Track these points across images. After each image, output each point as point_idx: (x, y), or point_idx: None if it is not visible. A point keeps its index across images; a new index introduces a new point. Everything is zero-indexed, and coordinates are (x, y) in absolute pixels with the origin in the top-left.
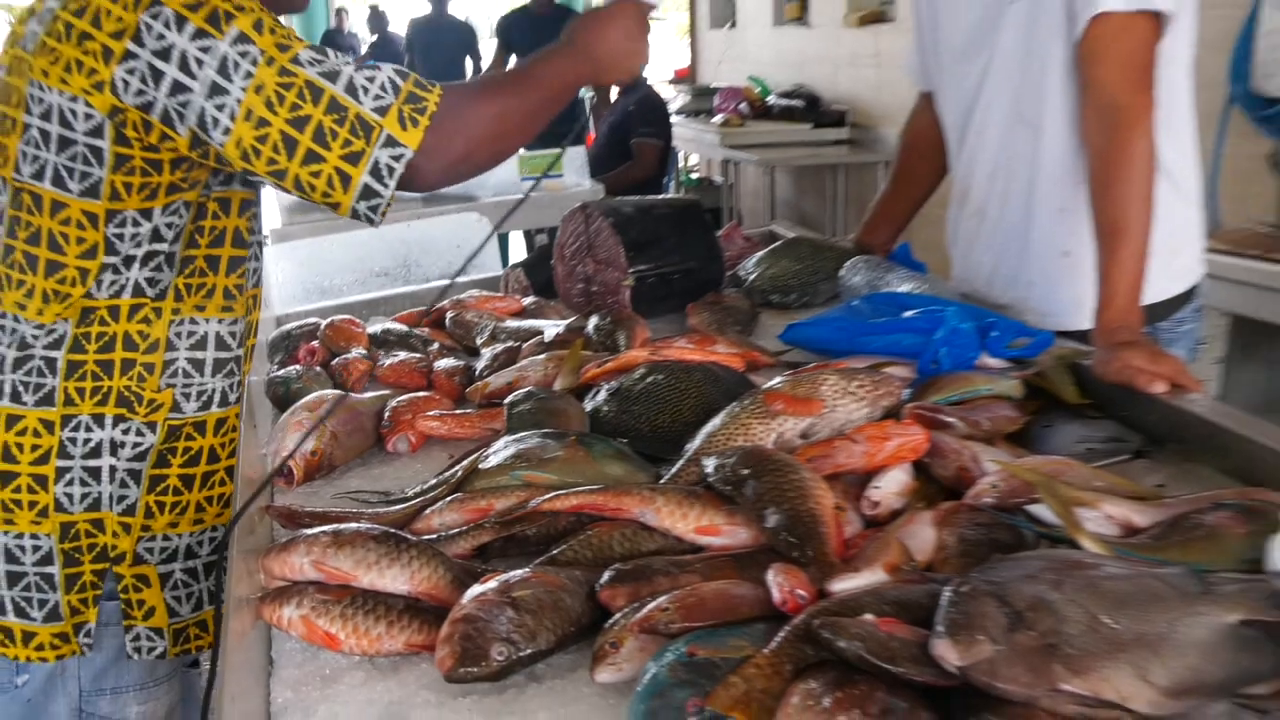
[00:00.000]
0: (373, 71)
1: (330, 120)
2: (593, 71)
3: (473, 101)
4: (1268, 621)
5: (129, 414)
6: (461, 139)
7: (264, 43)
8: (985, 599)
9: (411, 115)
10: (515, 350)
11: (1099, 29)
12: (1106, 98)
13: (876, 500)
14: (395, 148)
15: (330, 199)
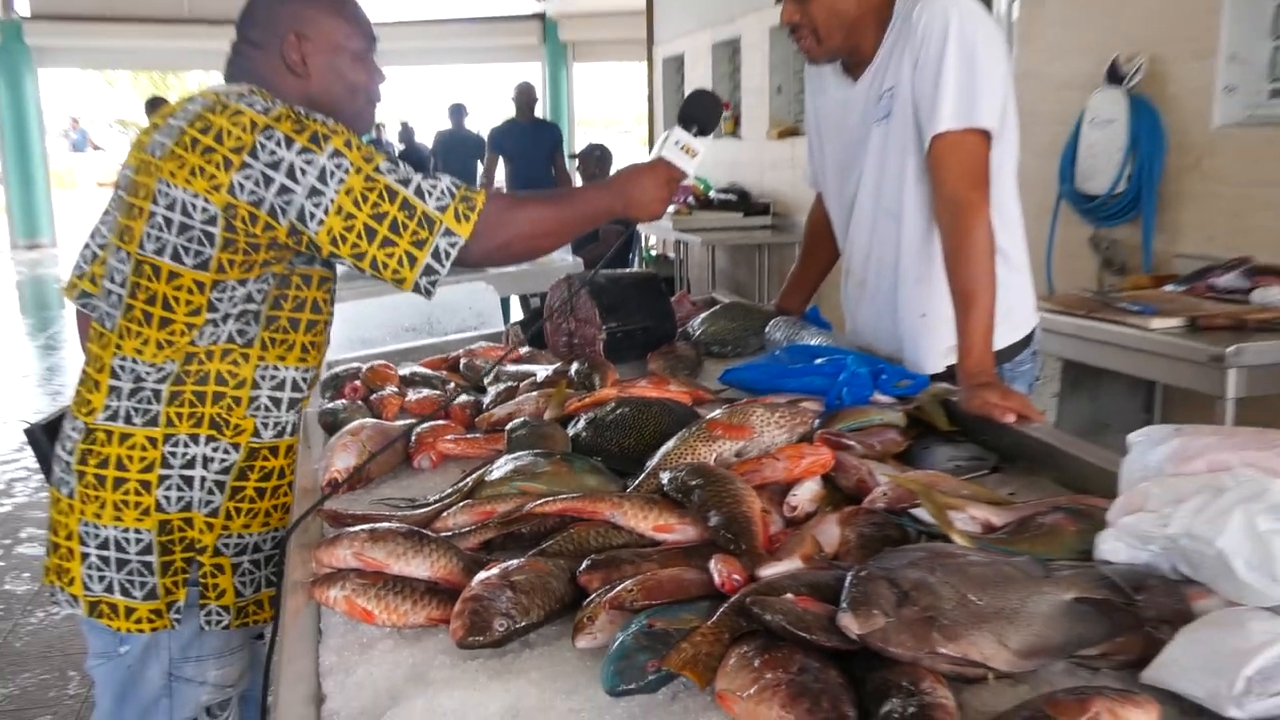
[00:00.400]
0: (435, 180)
1: (403, 216)
2: (624, 207)
3: (518, 207)
4: (1095, 599)
5: (218, 436)
6: (503, 232)
7: (353, 156)
8: (879, 581)
9: (464, 212)
10: (514, 388)
11: (941, 144)
12: (951, 196)
13: (795, 505)
14: (451, 237)
15: (398, 275)
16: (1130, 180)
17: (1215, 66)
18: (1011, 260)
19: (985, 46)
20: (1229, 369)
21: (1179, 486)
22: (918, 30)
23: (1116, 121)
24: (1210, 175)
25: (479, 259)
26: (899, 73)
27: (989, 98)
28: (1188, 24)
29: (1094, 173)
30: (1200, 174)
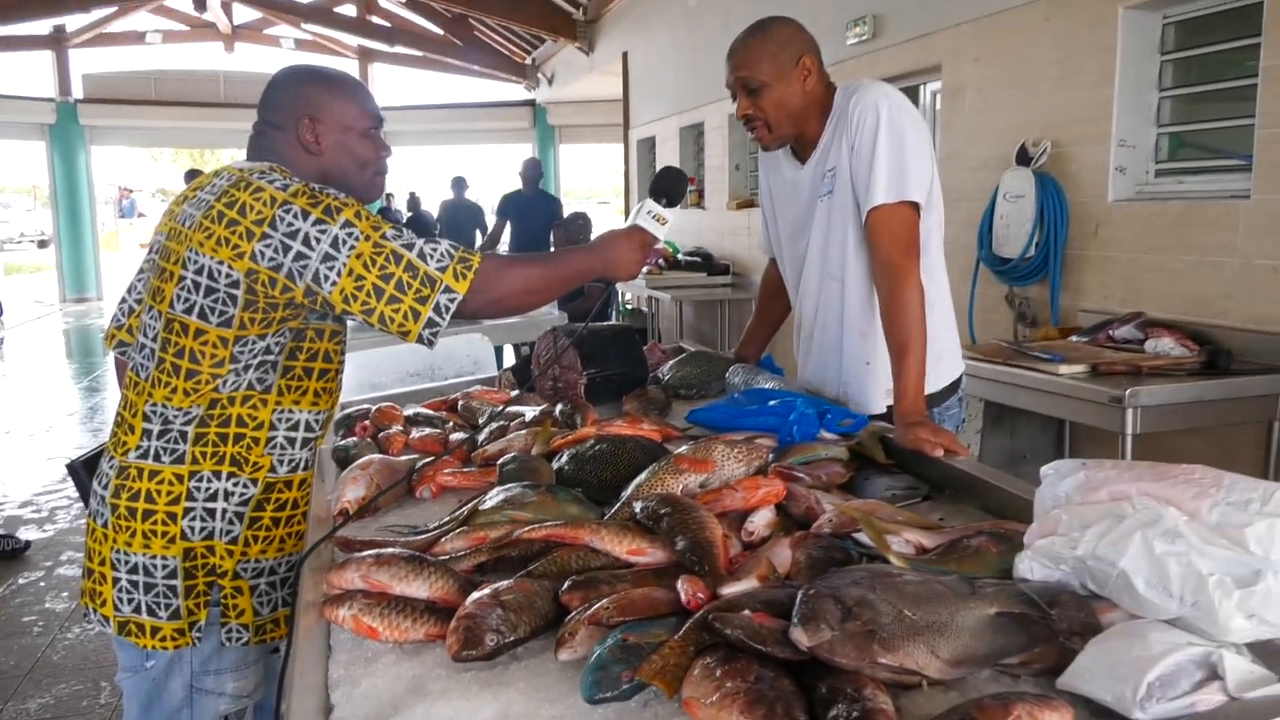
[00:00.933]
0: (436, 244)
1: (407, 276)
2: (604, 268)
3: (510, 266)
4: (1015, 613)
5: (239, 472)
6: (497, 289)
7: (363, 226)
8: (826, 598)
9: (462, 272)
10: (505, 427)
11: (875, 215)
12: (886, 260)
13: (751, 531)
14: (451, 293)
15: (404, 328)
16: (1039, 246)
17: (1109, 150)
18: (940, 315)
19: (911, 131)
20: (1127, 409)
21: (1085, 513)
22: (853, 119)
23: (1026, 196)
24: (1107, 242)
25: (475, 313)
26: (839, 155)
27: (916, 174)
28: (1085, 114)
29: (1008, 240)
30: (1098, 241)
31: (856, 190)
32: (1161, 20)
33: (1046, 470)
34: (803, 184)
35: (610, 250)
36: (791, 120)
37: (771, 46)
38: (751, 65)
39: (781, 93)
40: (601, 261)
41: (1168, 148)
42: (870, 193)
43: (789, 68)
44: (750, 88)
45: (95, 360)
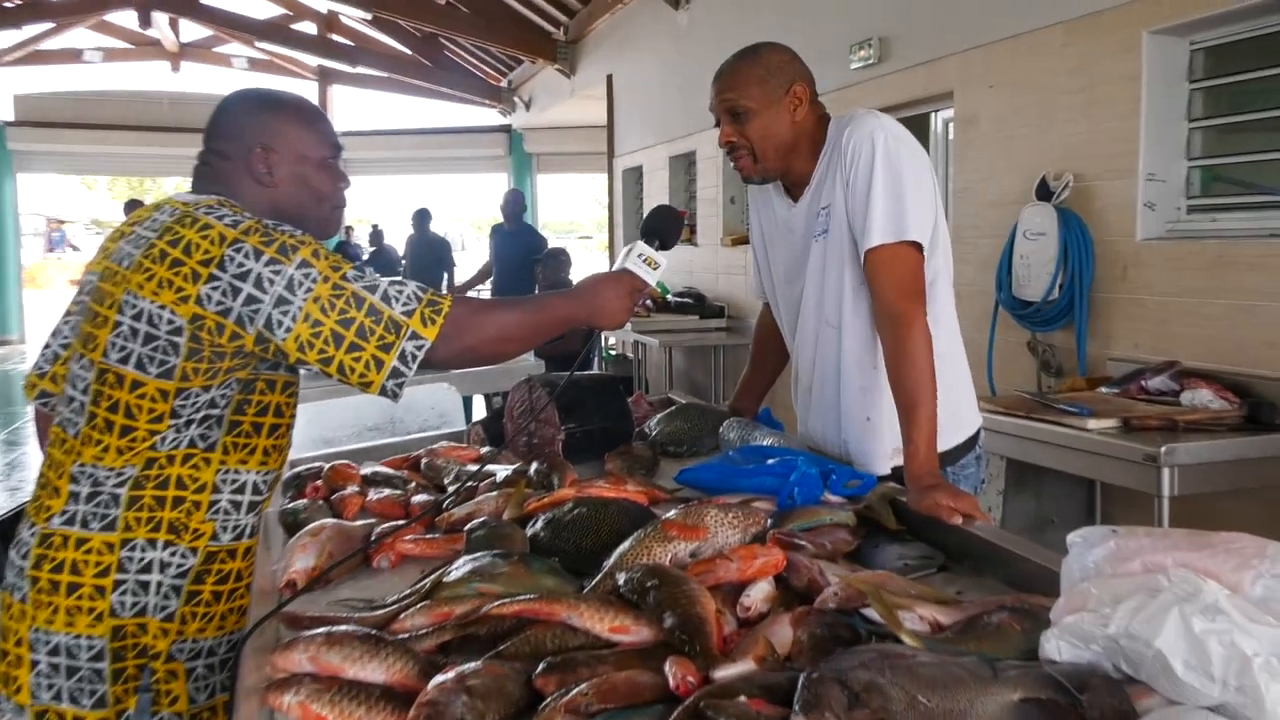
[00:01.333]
0: (402, 285)
1: (370, 321)
2: (587, 315)
3: (484, 311)
4: (1041, 699)
5: (177, 540)
6: (469, 337)
7: (320, 265)
8: (830, 683)
9: (430, 315)
10: (474, 489)
11: (875, 257)
12: (888, 306)
13: (748, 605)
14: (418, 340)
15: (365, 379)
16: (1063, 288)
17: (1136, 185)
18: (952, 365)
19: (910, 164)
20: (1163, 468)
21: (1117, 587)
22: (847, 153)
23: (1047, 234)
24: (1137, 284)
25: (445, 361)
26: (833, 192)
27: (917, 212)
28: (1109, 146)
29: (1028, 281)
30: (1127, 283)
31: (853, 230)
32: (1189, 46)
33: (1074, 538)
34: (796, 223)
35: (596, 296)
36: (778, 151)
37: (761, 71)
38: (738, 89)
39: (769, 121)
40: (586, 308)
41: (1199, 182)
42: (867, 233)
43: (778, 95)
44: (736, 113)
45: (15, 410)
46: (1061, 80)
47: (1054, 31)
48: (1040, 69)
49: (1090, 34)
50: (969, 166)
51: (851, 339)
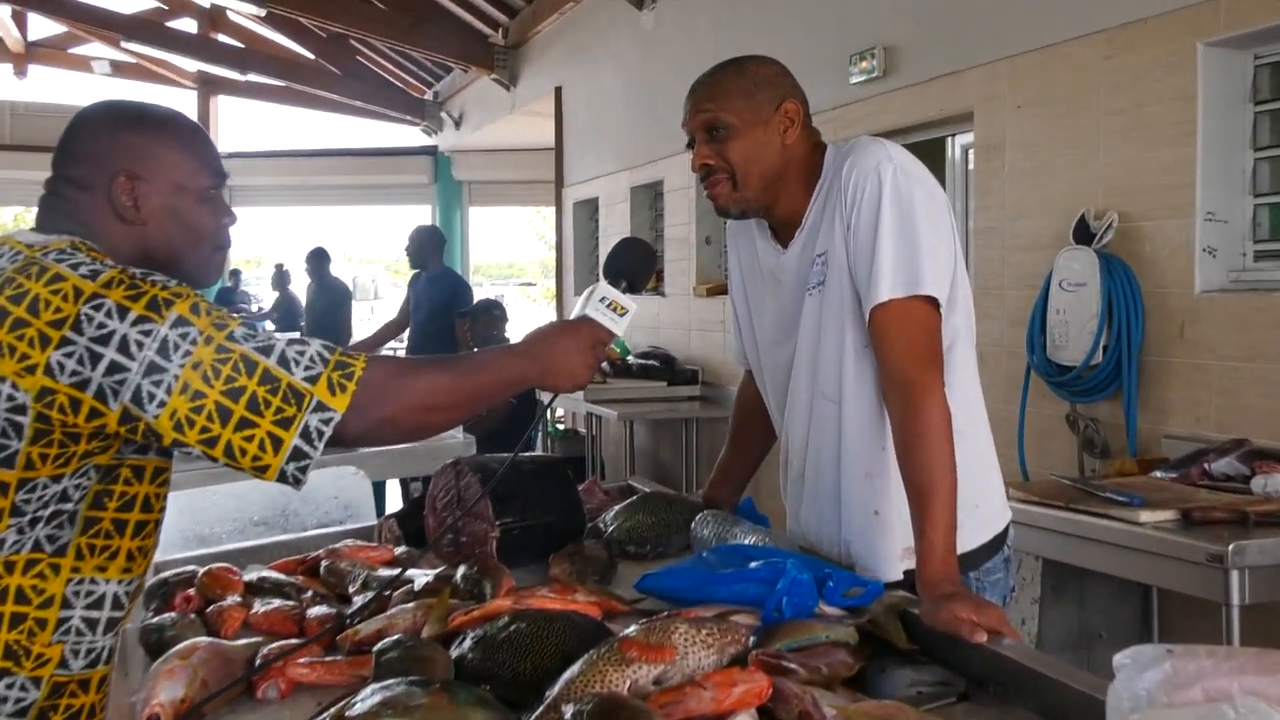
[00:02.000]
0: (303, 345)
1: (264, 390)
2: (538, 374)
3: (407, 374)
4: None
5: (14, 668)
6: (389, 404)
7: (202, 323)
8: None
9: (340, 381)
10: (386, 599)
11: (882, 316)
12: (898, 375)
13: None
14: (325, 412)
15: (260, 463)
16: (1107, 351)
17: (1193, 226)
18: (975, 446)
19: (924, 203)
20: (1231, 570)
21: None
22: (848, 190)
23: (1088, 285)
24: (1196, 346)
25: (359, 437)
26: (831, 236)
27: (932, 261)
28: (1160, 179)
29: (1066, 341)
30: (1184, 344)
31: (856, 282)
32: (1253, 61)
33: (1122, 659)
34: (785, 273)
35: (550, 350)
36: (764, 180)
37: (747, 84)
38: (719, 100)
39: (754, 142)
40: (538, 366)
41: (1268, 223)
42: (873, 286)
43: (767, 112)
44: (714, 129)
45: None
46: (1103, 99)
47: (1094, 42)
48: (1078, 86)
49: (1136, 44)
50: (993, 202)
51: (854, 414)
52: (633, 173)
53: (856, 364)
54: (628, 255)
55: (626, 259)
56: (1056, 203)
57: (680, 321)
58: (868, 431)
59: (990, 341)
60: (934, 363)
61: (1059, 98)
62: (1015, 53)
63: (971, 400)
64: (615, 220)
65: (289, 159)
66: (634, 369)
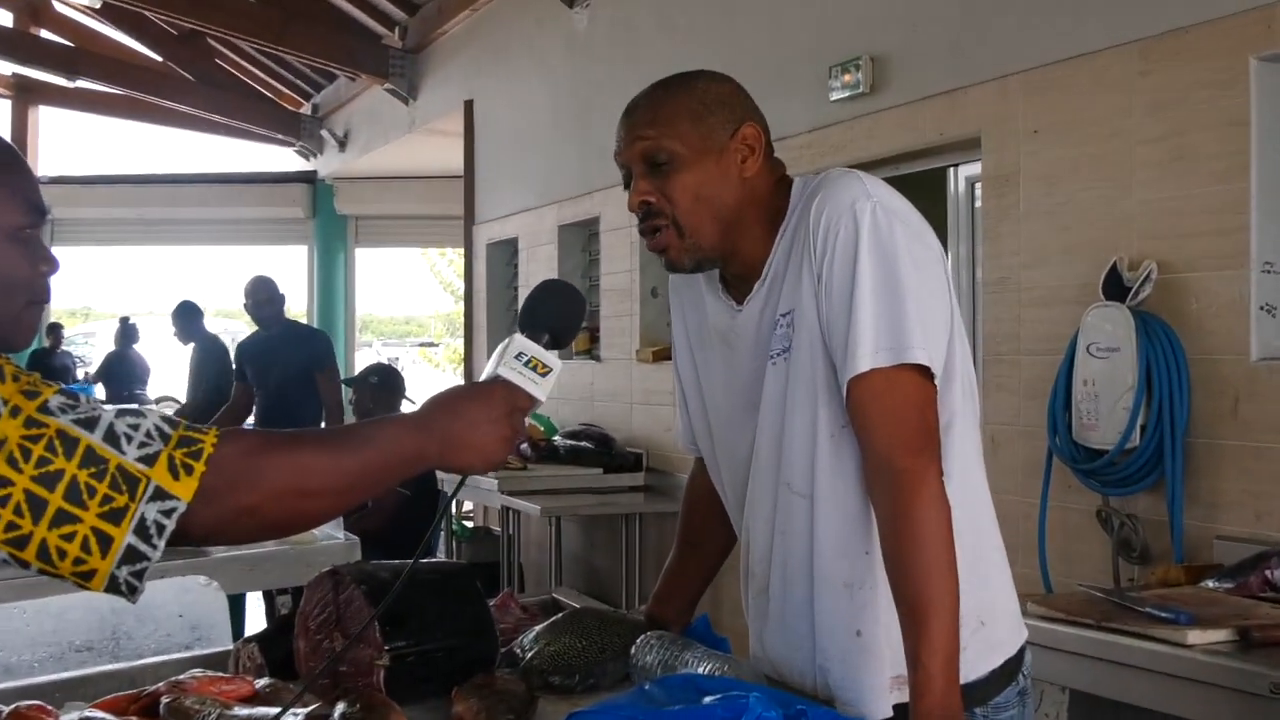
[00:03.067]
0: (137, 417)
1: (87, 474)
2: (439, 450)
3: (272, 451)
4: None
5: None
6: (248, 489)
7: (5, 391)
8: None
9: (184, 461)
10: None
11: (862, 389)
12: (884, 462)
13: None
14: (166, 500)
15: (83, 567)
16: (1146, 430)
17: (1247, 279)
18: (980, 549)
19: (911, 250)
20: None
21: None
22: (818, 233)
23: (1122, 350)
24: (1253, 425)
25: (210, 533)
26: (797, 291)
27: (923, 322)
28: (1207, 221)
29: (1096, 419)
30: (1239, 423)
31: (830, 348)
32: None
33: None
34: (741, 337)
35: (454, 420)
36: (718, 222)
37: (696, 103)
38: (662, 124)
39: (705, 175)
40: (439, 439)
41: None
42: (851, 353)
43: (721, 138)
44: (655, 161)
45: None
46: (1138, 123)
47: (1126, 54)
48: (1107, 106)
49: (1176, 58)
50: (1005, 248)
51: (829, 512)
52: (561, 208)
53: (832, 449)
54: (550, 302)
55: (549, 306)
56: (1082, 249)
57: (620, 392)
58: (847, 533)
59: (1002, 419)
60: (928, 446)
61: (1084, 121)
62: (1031, 66)
63: (976, 492)
64: (539, 266)
65: (128, 186)
66: (561, 451)
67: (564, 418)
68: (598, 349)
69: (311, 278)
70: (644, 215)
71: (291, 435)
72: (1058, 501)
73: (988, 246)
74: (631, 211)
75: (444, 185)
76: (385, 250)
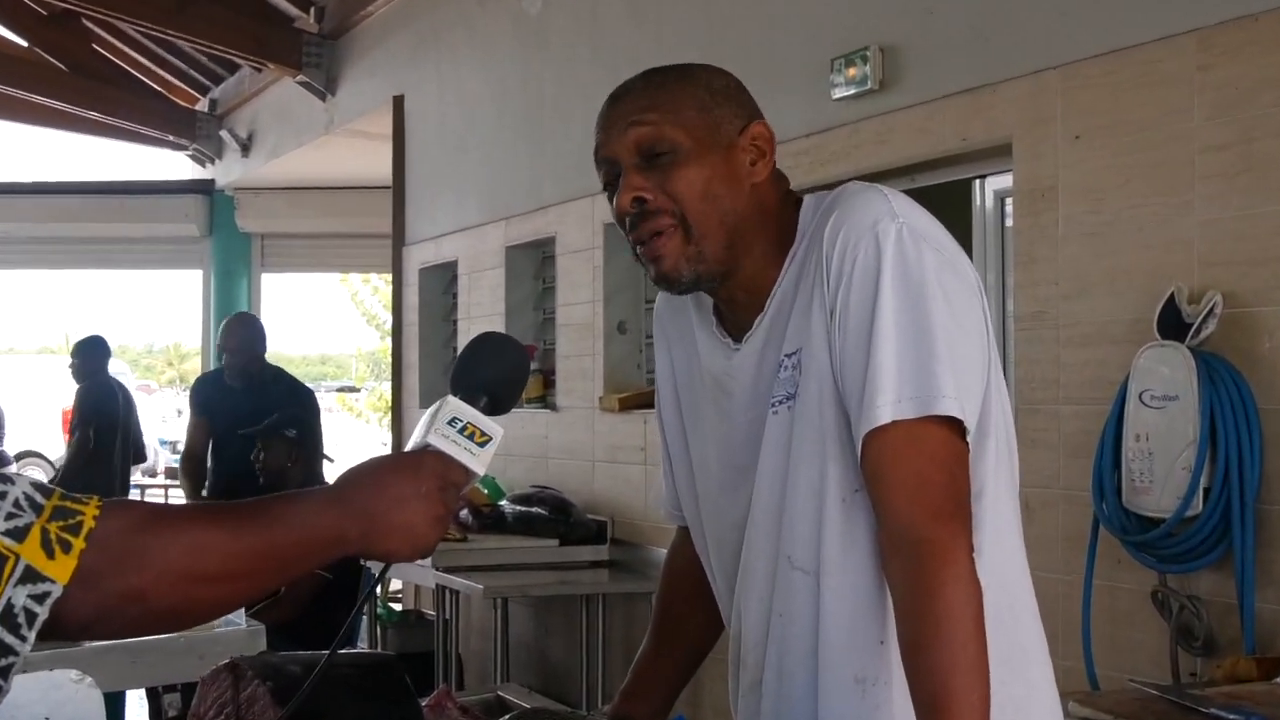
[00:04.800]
0: (3, 484)
1: None
2: (360, 534)
3: (160, 524)
4: None
5: None
6: (135, 570)
7: None
8: None
9: (60, 537)
10: None
11: (879, 446)
12: (904, 533)
13: None
14: (38, 583)
15: None
16: (1211, 495)
17: None
18: (1015, 637)
19: (944, 281)
20: None
21: None
22: (833, 260)
23: (1181, 398)
24: None
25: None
26: (806, 327)
27: (955, 366)
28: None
29: (1150, 482)
30: None
31: (844, 396)
32: None
33: None
34: (738, 381)
35: (377, 498)
36: (727, 231)
37: (701, 92)
38: (664, 109)
39: (714, 173)
40: (360, 521)
41: None
42: (869, 402)
43: (728, 132)
44: (654, 152)
45: None
46: (1198, 128)
47: (1183, 45)
48: (1162, 107)
49: (1244, 51)
50: (1041, 275)
51: (839, 593)
52: (509, 225)
53: (843, 516)
54: (488, 359)
55: (486, 365)
56: (1133, 276)
57: (580, 448)
58: (859, 617)
59: (1039, 481)
60: (957, 514)
61: (1134, 124)
62: (1072, 59)
63: (1011, 570)
64: (483, 295)
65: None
66: (510, 519)
67: (513, 478)
68: (553, 396)
69: (207, 308)
70: (638, 217)
71: (186, 509)
72: (1105, 580)
73: (1020, 274)
74: (621, 213)
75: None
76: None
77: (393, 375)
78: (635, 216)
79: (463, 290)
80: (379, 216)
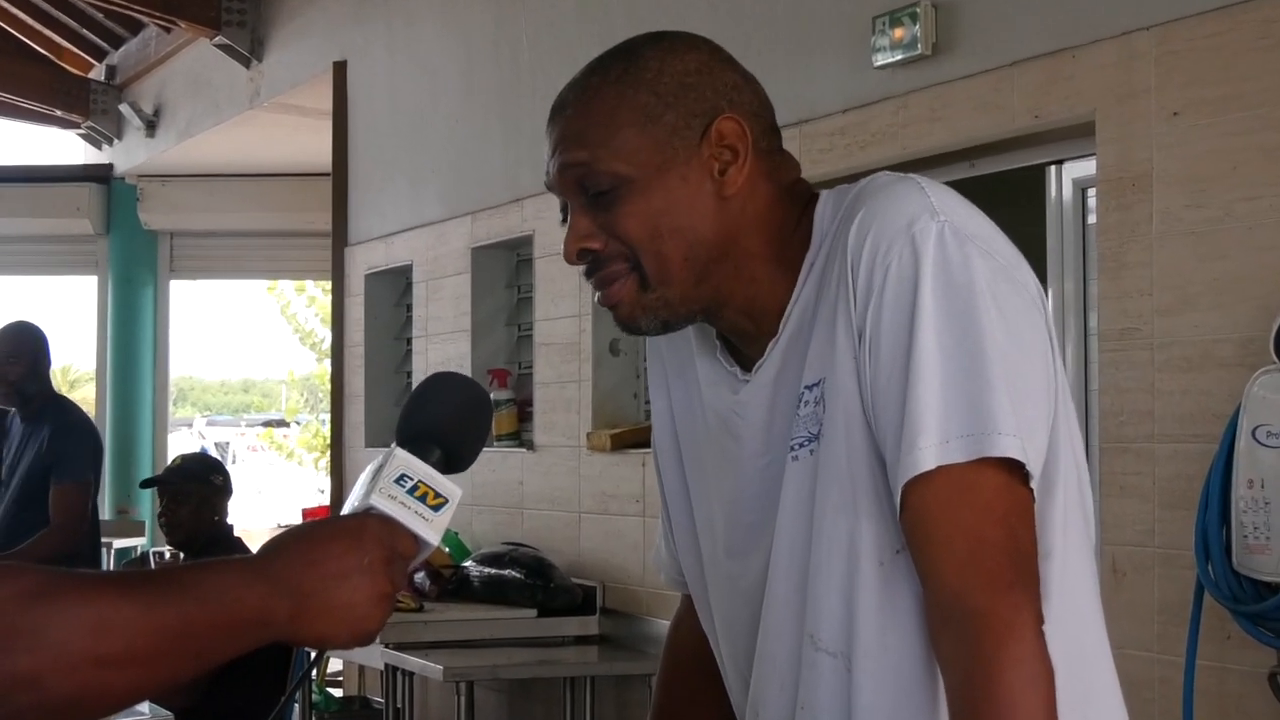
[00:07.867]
0: None
1: None
2: (289, 614)
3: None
4: None
5: None
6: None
7: None
8: None
9: None
10: None
11: (922, 497)
12: (954, 604)
13: None
14: None
15: None
16: None
17: None
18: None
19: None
20: None
21: None
22: (859, 270)
23: None
24: None
25: None
26: (831, 353)
27: (1015, 396)
28: None
29: (1267, 540)
30: None
31: (878, 436)
32: None
33: None
34: (749, 420)
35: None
36: (693, 265)
37: (645, 97)
38: (594, 139)
39: (667, 199)
40: (288, 601)
41: None
42: (909, 443)
43: (683, 142)
44: (595, 189)
45: None
46: None
47: None
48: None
49: None
50: (1131, 285)
51: (876, 679)
52: (477, 222)
53: (880, 584)
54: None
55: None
56: (1245, 286)
57: (563, 496)
58: (901, 708)
59: (1127, 539)
60: (1019, 579)
61: (1247, 98)
62: (1169, 17)
63: (1088, 647)
64: (444, 307)
65: None
66: (476, 584)
67: (480, 533)
68: (530, 432)
69: (103, 322)
70: (591, 266)
71: (88, 576)
72: (1211, 659)
73: (1105, 282)
74: (569, 263)
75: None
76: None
77: (332, 407)
78: (588, 264)
79: (419, 301)
80: (316, 211)
